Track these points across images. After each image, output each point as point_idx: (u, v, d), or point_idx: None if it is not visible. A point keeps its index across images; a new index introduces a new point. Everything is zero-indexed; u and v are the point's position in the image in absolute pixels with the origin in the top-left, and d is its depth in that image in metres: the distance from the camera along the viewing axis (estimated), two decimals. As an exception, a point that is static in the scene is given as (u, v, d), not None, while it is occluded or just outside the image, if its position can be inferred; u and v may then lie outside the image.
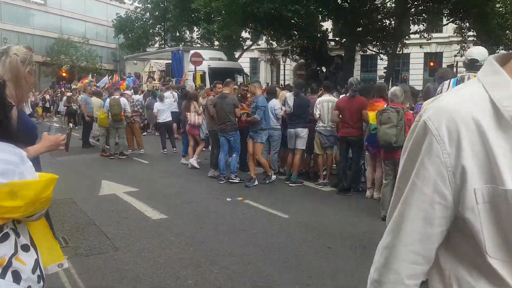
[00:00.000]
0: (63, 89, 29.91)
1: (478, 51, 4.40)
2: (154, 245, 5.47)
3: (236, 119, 9.05)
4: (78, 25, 54.02)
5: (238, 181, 9.03)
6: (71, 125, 11.67)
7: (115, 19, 34.92)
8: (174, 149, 13.14)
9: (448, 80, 4.41)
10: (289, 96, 9.14)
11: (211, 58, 22.35)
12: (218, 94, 9.51)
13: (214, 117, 9.27)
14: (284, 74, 34.63)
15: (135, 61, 28.52)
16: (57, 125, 2.87)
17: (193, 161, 10.62)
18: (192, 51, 21.75)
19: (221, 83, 9.78)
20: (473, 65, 4.29)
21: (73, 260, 4.94)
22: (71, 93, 23.14)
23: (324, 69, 26.42)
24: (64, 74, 39.07)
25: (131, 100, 13.29)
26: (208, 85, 17.89)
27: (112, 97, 12.15)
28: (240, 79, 22.68)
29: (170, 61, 23.76)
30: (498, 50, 24.85)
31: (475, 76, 2.85)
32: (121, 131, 12.38)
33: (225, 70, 21.07)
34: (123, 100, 12.23)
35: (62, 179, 8.69)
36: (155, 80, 24.57)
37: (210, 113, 9.44)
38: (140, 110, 13.34)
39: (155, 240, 5.65)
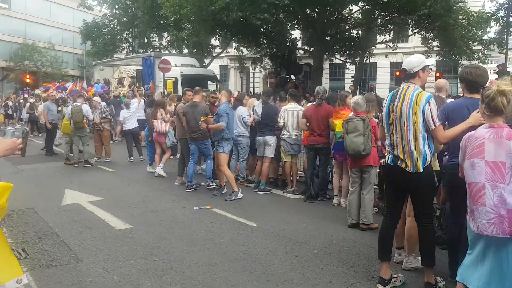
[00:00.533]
0: (26, 95, 29.19)
1: (412, 60, 4.34)
2: (118, 256, 5.34)
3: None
4: (44, 30, 53.01)
5: (215, 186, 9.04)
6: (26, 128, 11.31)
7: (82, 25, 34.30)
8: (141, 157, 12.95)
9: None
10: (258, 104, 9.15)
11: (183, 64, 22.10)
12: (188, 102, 9.39)
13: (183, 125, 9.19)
14: (254, 82, 34.75)
15: (101, 67, 28.13)
16: (11, 128, 2.74)
17: (159, 169, 10.47)
18: (163, 57, 21.49)
19: (191, 90, 9.67)
20: (410, 75, 4.31)
21: (34, 272, 4.79)
22: (33, 100, 22.57)
23: (293, 77, 26.60)
24: (28, 80, 38.12)
25: (99, 107, 13.05)
26: (180, 92, 17.50)
27: (74, 104, 11.91)
28: (213, 86, 22.53)
29: (141, 67, 23.44)
30: (461, 61, 25.62)
31: (410, 86, 2.85)
32: (84, 138, 12.13)
33: (198, 77, 21.03)
34: (85, 107, 12.00)
35: (24, 188, 8.50)
36: (125, 87, 24.08)
37: (181, 121, 9.33)
38: (109, 117, 13.08)
39: (119, 251, 5.51)
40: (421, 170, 4.15)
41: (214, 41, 30.13)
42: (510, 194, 3.29)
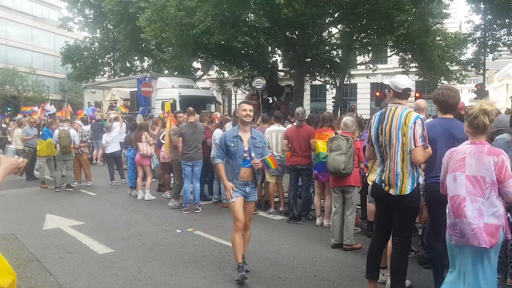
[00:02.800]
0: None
1: (409, 81, 4.38)
2: (99, 281, 5.27)
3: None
4: (25, 54, 52.80)
5: (200, 210, 9.12)
6: (28, 147, 11.25)
7: (63, 47, 34.11)
8: (123, 180, 12.86)
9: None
10: (228, 125, 9.26)
11: (181, 85, 21.22)
12: (185, 123, 9.42)
13: (177, 146, 9.17)
14: (235, 104, 34.93)
15: (93, 90, 27.04)
16: (13, 147, 2.74)
17: (148, 195, 10.43)
18: (158, 78, 21.14)
19: (182, 112, 9.97)
20: (405, 95, 4.35)
21: (12, 300, 4.68)
22: (5, 125, 22.00)
23: (275, 99, 26.84)
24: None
25: (80, 130, 12.98)
26: None
27: (62, 128, 11.83)
28: (212, 107, 21.75)
29: (135, 89, 22.62)
30: (440, 81, 26.13)
31: (398, 106, 2.95)
32: (69, 163, 12.03)
33: (196, 98, 20.21)
34: (72, 132, 11.94)
35: (4, 214, 8.37)
36: (117, 110, 23.09)
37: (174, 143, 9.31)
38: (89, 141, 13.00)
39: (100, 276, 5.45)
40: (407, 192, 4.15)
41: (196, 64, 30.24)
42: (489, 208, 3.40)
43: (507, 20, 22.93)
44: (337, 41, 27.68)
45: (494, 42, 24.35)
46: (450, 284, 3.67)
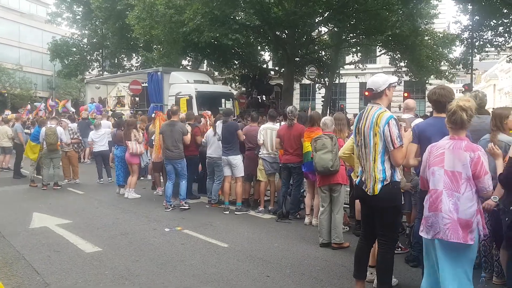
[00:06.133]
0: None
1: (373, 80, 4.40)
2: (87, 280, 5.24)
3: (182, 146, 9.14)
4: (12, 51, 52.24)
5: (187, 207, 9.07)
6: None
7: (50, 42, 33.69)
8: (109, 179, 12.75)
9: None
10: (218, 124, 9.23)
11: (196, 81, 19.48)
12: (164, 122, 9.40)
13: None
14: (225, 102, 34.80)
15: (97, 85, 25.18)
16: None
17: (132, 194, 10.39)
18: (172, 73, 19.56)
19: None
20: (374, 94, 4.36)
21: (-2, 299, 4.66)
22: None
23: (264, 97, 26.89)
24: None
25: (68, 128, 12.85)
26: (195, 111, 15.69)
27: (48, 126, 11.71)
28: (228, 105, 20.47)
29: (145, 85, 21.11)
30: (428, 81, 26.32)
31: (374, 106, 2.97)
32: (56, 161, 11.90)
33: (214, 95, 19.28)
34: (59, 129, 11.81)
35: (-11, 212, 8.03)
36: (124, 106, 22.38)
37: (160, 141, 9.33)
38: (80, 138, 12.81)
39: (88, 275, 5.41)
40: (378, 192, 4.16)
41: (185, 62, 30.12)
42: (464, 203, 3.46)
43: (494, 21, 23.17)
44: (327, 41, 27.76)
45: (482, 43, 24.58)
46: (428, 277, 3.75)
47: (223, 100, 21.20)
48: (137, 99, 22.78)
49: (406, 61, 25.71)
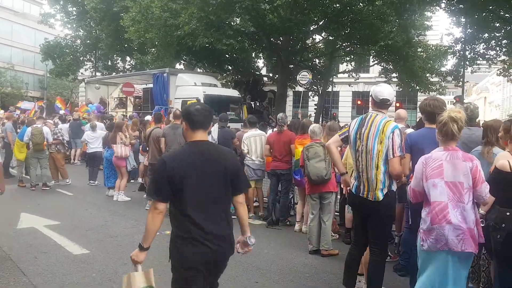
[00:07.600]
0: None
1: (388, 92, 4.42)
2: (74, 282, 5.20)
3: None
4: (3, 50, 51.92)
5: None
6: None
7: (43, 43, 33.48)
8: (96, 181, 12.58)
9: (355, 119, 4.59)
10: (214, 129, 9.21)
11: (204, 83, 18.88)
12: (167, 125, 9.32)
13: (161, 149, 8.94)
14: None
15: (97, 85, 24.49)
16: None
17: (121, 197, 10.33)
18: (178, 74, 19.14)
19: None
20: (383, 105, 4.40)
21: (-17, 300, 4.60)
22: None
23: (257, 103, 26.90)
24: None
25: (52, 128, 12.72)
26: None
27: (35, 125, 11.62)
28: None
29: (147, 86, 20.68)
30: (420, 91, 26.51)
31: (378, 114, 2.99)
32: (43, 161, 11.79)
33: (222, 98, 18.41)
34: (45, 129, 11.71)
35: (-24, 212, 7.95)
36: (126, 107, 21.92)
37: (157, 145, 9.09)
38: (60, 138, 12.63)
39: (75, 277, 5.37)
40: (380, 199, 4.20)
41: (179, 66, 30.08)
42: (469, 212, 3.49)
43: (486, 35, 23.39)
44: (321, 48, 27.90)
45: (474, 55, 24.80)
46: None
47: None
48: (139, 101, 22.33)
49: (398, 72, 25.86)
